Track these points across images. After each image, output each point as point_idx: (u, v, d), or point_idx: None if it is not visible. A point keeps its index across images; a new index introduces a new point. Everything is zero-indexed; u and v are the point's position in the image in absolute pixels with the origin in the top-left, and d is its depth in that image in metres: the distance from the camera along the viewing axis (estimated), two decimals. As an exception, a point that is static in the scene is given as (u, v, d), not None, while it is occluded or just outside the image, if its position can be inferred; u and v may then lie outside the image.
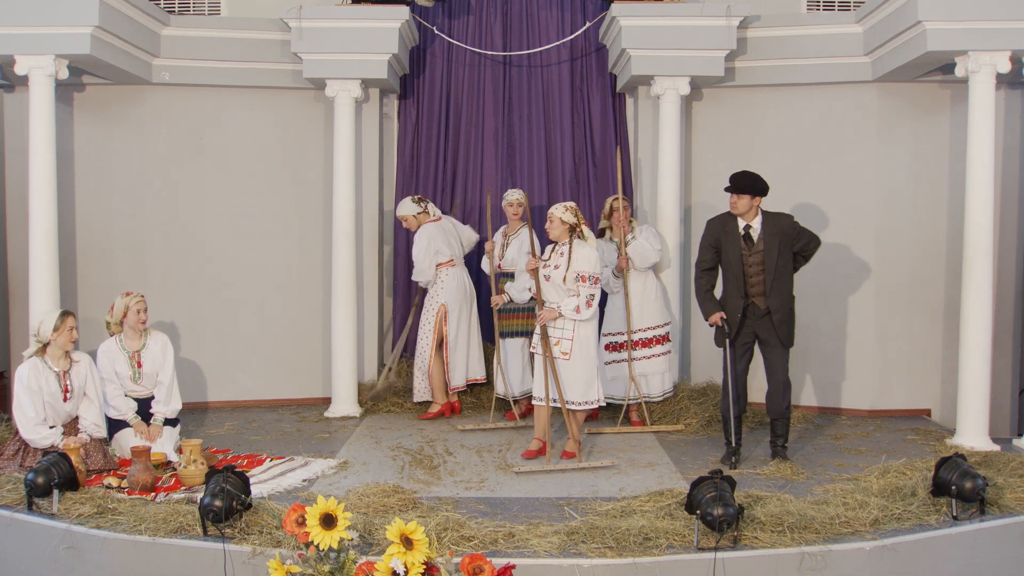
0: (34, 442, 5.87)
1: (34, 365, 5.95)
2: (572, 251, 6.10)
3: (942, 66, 7.00)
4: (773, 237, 6.13)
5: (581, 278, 6.05)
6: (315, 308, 8.20)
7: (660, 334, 7.32)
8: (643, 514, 4.91)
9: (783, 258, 6.15)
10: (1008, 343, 7.66)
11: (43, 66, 6.62)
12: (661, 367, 7.33)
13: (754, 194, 6.17)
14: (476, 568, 4.08)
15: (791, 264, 6.21)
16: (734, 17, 7.40)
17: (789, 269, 6.20)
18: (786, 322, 6.19)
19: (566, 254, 6.11)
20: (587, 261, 6.07)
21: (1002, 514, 5.12)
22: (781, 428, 6.29)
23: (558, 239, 6.18)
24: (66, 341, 6.00)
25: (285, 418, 7.73)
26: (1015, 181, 7.67)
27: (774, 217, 6.22)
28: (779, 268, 6.13)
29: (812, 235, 6.26)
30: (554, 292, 6.16)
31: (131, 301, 6.33)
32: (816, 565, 4.59)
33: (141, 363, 6.34)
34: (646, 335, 7.30)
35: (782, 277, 6.15)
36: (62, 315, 6.03)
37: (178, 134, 7.99)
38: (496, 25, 8.43)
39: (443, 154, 8.47)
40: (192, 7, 8.34)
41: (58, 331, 5.96)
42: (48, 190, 6.70)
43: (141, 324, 6.32)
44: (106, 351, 6.38)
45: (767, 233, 6.15)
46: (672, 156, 7.64)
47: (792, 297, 6.23)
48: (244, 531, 4.67)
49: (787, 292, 6.19)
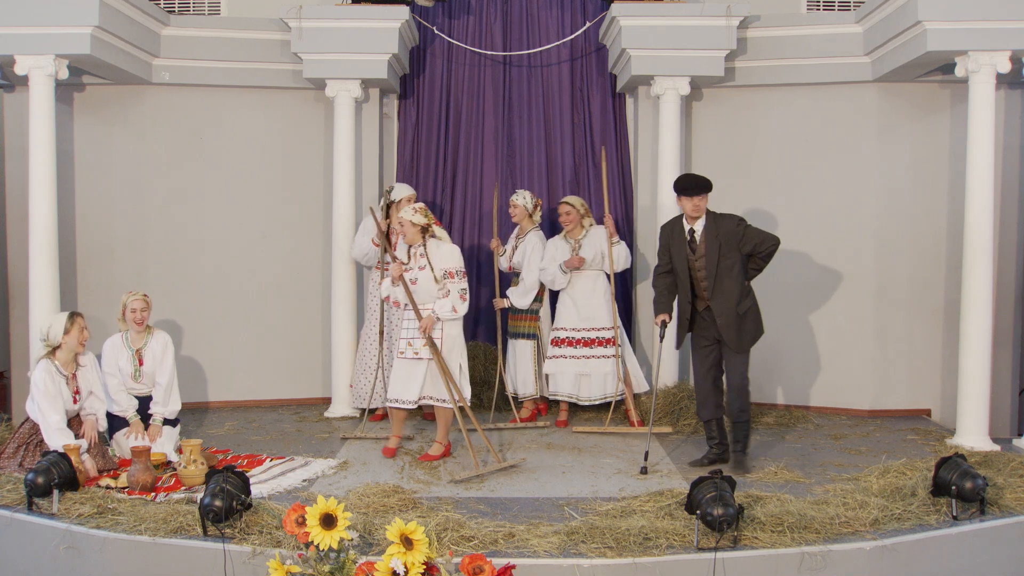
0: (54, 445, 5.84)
1: (48, 370, 5.89)
2: (428, 251, 6.16)
3: (942, 66, 7.00)
4: (714, 239, 6.02)
5: (449, 274, 6.14)
6: (315, 308, 8.21)
7: (606, 336, 7.28)
8: (643, 514, 4.91)
9: (727, 260, 6.01)
10: (1008, 343, 7.66)
11: (43, 66, 6.62)
12: (605, 368, 7.26)
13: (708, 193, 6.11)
14: (476, 568, 4.08)
15: (738, 266, 6.03)
16: (734, 17, 7.40)
17: (736, 271, 6.02)
18: (733, 326, 6.03)
19: (424, 255, 6.16)
20: (450, 257, 6.16)
21: (1002, 514, 5.11)
22: (739, 433, 6.16)
23: (412, 242, 6.21)
24: (77, 343, 5.95)
25: (285, 418, 7.73)
26: (1015, 181, 7.67)
27: (718, 219, 6.10)
28: (722, 270, 6.00)
29: (764, 236, 6.05)
30: (427, 295, 6.19)
31: (129, 299, 6.33)
32: (816, 565, 4.59)
33: (142, 361, 6.35)
34: (589, 335, 7.29)
35: (725, 280, 6.01)
36: (71, 316, 5.97)
37: (178, 134, 7.99)
38: (496, 25, 8.43)
39: (443, 154, 8.47)
40: (192, 7, 8.35)
41: (68, 333, 5.92)
42: (48, 190, 6.70)
43: (137, 324, 6.31)
44: (111, 345, 6.39)
45: (708, 235, 6.05)
46: (672, 156, 7.64)
47: (742, 300, 6.04)
48: (244, 531, 4.66)
49: (733, 295, 6.02)
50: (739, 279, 6.05)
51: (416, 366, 6.21)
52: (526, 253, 7.38)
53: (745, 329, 6.08)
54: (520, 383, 7.50)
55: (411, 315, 6.23)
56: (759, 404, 7.94)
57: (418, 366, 6.21)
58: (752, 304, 6.13)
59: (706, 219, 6.09)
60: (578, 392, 7.29)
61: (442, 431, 6.38)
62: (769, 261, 6.12)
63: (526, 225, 7.49)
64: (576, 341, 7.28)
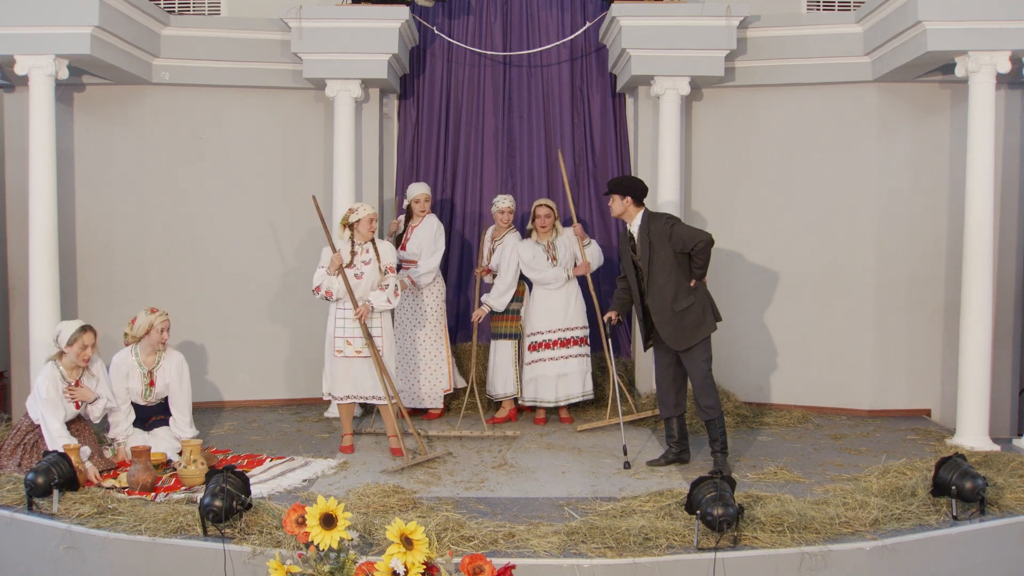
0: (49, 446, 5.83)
1: (52, 376, 5.88)
2: (377, 248, 6.57)
3: (942, 66, 7.00)
4: (646, 238, 6.05)
5: (390, 269, 6.57)
6: (315, 308, 8.19)
7: (580, 336, 7.44)
8: (643, 514, 4.92)
9: (658, 258, 6.01)
10: (1008, 343, 7.66)
11: (43, 66, 6.61)
12: (580, 367, 7.41)
13: (622, 194, 6.12)
14: (476, 568, 4.08)
15: (672, 265, 6.01)
16: (734, 17, 7.40)
17: (670, 270, 6.01)
18: (668, 323, 6.01)
19: (371, 251, 6.54)
20: (391, 253, 6.65)
21: (1002, 514, 5.12)
22: (714, 432, 6.11)
23: (367, 239, 6.55)
24: (77, 358, 5.91)
25: (285, 418, 7.73)
26: (1015, 181, 7.67)
27: (651, 218, 6.13)
28: (654, 268, 6.03)
29: (693, 233, 6.01)
30: (368, 289, 6.52)
31: (156, 320, 6.21)
32: (816, 565, 4.59)
33: (154, 382, 6.28)
34: (565, 335, 7.41)
35: (659, 277, 6.02)
36: (81, 329, 5.91)
37: (178, 134, 7.99)
38: (496, 25, 8.42)
39: (443, 154, 8.47)
40: (192, 7, 8.35)
41: (71, 345, 5.89)
42: (48, 190, 6.69)
43: (162, 344, 6.26)
44: (120, 364, 6.25)
45: (642, 235, 6.08)
46: (672, 156, 7.64)
47: (680, 298, 6.01)
48: (244, 531, 4.67)
49: (667, 293, 6.01)
50: (674, 277, 6.03)
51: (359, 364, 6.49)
52: (505, 255, 7.44)
53: (684, 327, 6.04)
54: (500, 383, 7.53)
55: (346, 314, 6.49)
56: (759, 404, 7.95)
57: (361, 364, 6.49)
58: (694, 303, 6.06)
59: (641, 219, 6.13)
60: (556, 395, 7.41)
61: (391, 425, 6.59)
62: (705, 258, 6.03)
63: (503, 228, 7.58)
64: (554, 343, 7.41)
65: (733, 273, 8.01)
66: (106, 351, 6.92)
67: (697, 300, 6.09)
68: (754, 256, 8.01)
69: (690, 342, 6.06)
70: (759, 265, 8.00)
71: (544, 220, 7.36)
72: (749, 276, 8.00)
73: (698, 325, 6.07)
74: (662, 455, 6.34)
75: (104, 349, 7.34)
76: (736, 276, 8.02)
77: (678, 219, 6.17)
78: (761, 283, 8.04)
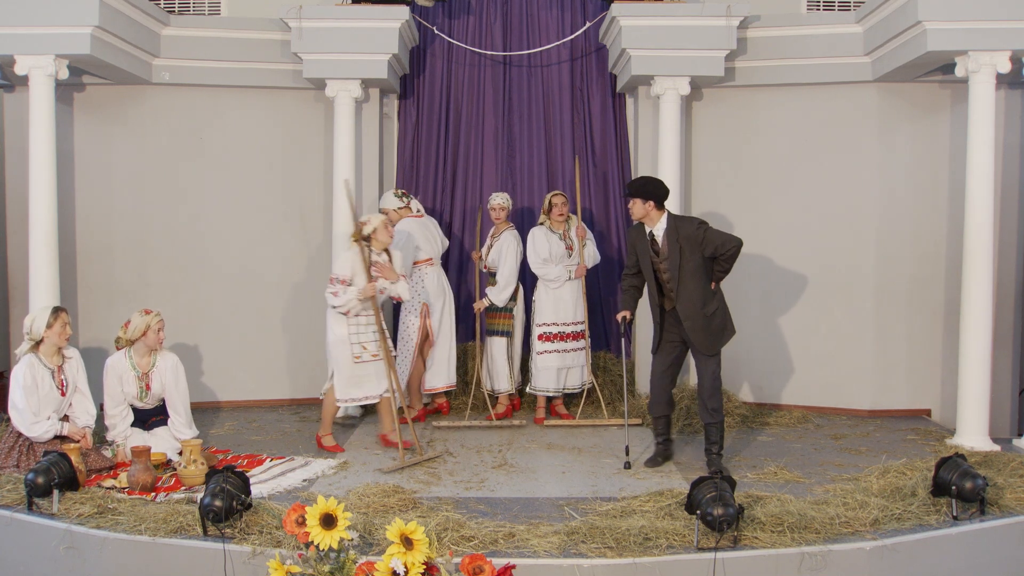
0: (37, 437, 5.84)
1: (29, 363, 5.91)
2: (391, 255, 6.78)
3: (942, 66, 7.00)
4: (675, 242, 6.02)
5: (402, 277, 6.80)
6: (315, 308, 8.19)
7: (582, 330, 7.61)
8: (643, 514, 4.92)
9: (689, 263, 6.00)
10: (1008, 343, 7.66)
11: (43, 66, 6.62)
12: (582, 360, 7.60)
13: (645, 198, 6.06)
14: (476, 568, 4.08)
15: (702, 269, 6.01)
16: (734, 17, 7.40)
17: (700, 275, 6.01)
18: (702, 329, 6.03)
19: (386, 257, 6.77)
20: (402, 262, 6.89)
21: (1002, 514, 5.12)
22: (714, 434, 6.13)
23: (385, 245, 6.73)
24: (59, 338, 5.94)
25: (285, 418, 7.73)
26: (1015, 181, 7.67)
27: (679, 222, 6.09)
28: (685, 273, 6.00)
29: (726, 238, 6.01)
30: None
31: (152, 320, 6.16)
32: (816, 565, 4.59)
33: (150, 385, 6.27)
34: (567, 328, 7.58)
35: (689, 283, 6.00)
36: (54, 311, 5.96)
37: (178, 134, 7.99)
38: (496, 25, 8.42)
39: (443, 154, 8.47)
40: (192, 7, 8.34)
41: (51, 328, 5.91)
42: (48, 190, 6.70)
43: (159, 344, 6.26)
44: (114, 367, 6.20)
45: (670, 238, 6.04)
46: (672, 156, 7.64)
47: (708, 302, 6.03)
48: (244, 531, 4.67)
49: (697, 298, 6.01)
50: (704, 282, 6.05)
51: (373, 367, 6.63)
52: (502, 251, 7.47)
53: (712, 331, 6.08)
54: (495, 379, 7.63)
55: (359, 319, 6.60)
56: (760, 404, 7.95)
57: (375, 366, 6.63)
58: (719, 305, 6.12)
59: (667, 222, 6.09)
60: (559, 385, 7.59)
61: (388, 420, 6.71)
62: (733, 263, 6.07)
63: (502, 225, 7.60)
64: (566, 335, 7.58)
65: (733, 273, 7.88)
66: (106, 351, 6.94)
67: (721, 304, 6.14)
68: (754, 256, 8.00)
69: (719, 346, 6.12)
70: (759, 265, 8.00)
71: (561, 208, 7.48)
72: (749, 276, 7.99)
73: (723, 328, 6.14)
74: (655, 454, 6.37)
75: (104, 349, 7.37)
76: (736, 276, 7.97)
77: (707, 223, 6.13)
78: (761, 283, 8.03)
